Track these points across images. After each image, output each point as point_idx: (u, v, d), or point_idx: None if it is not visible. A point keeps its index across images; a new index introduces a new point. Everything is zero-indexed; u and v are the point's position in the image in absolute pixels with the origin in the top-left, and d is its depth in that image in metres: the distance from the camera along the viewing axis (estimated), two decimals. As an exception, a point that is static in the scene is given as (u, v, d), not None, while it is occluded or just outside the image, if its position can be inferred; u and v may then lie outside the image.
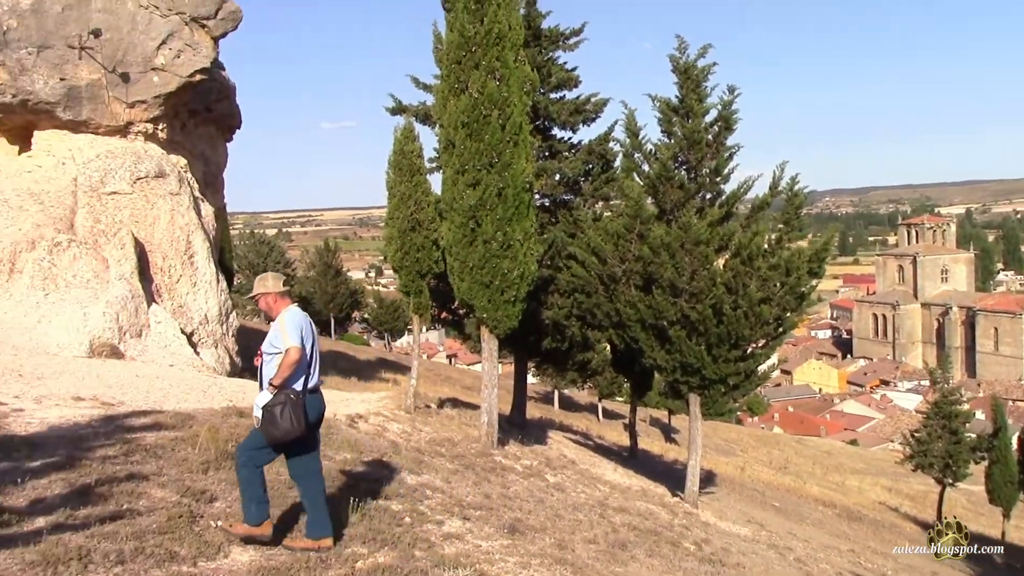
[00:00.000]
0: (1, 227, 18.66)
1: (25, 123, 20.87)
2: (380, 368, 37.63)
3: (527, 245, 13.76)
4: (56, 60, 19.59)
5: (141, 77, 20.07)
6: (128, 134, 20.59)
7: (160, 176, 20.15)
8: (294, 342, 6.73)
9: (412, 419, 15.43)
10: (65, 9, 19.54)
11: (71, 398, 11.49)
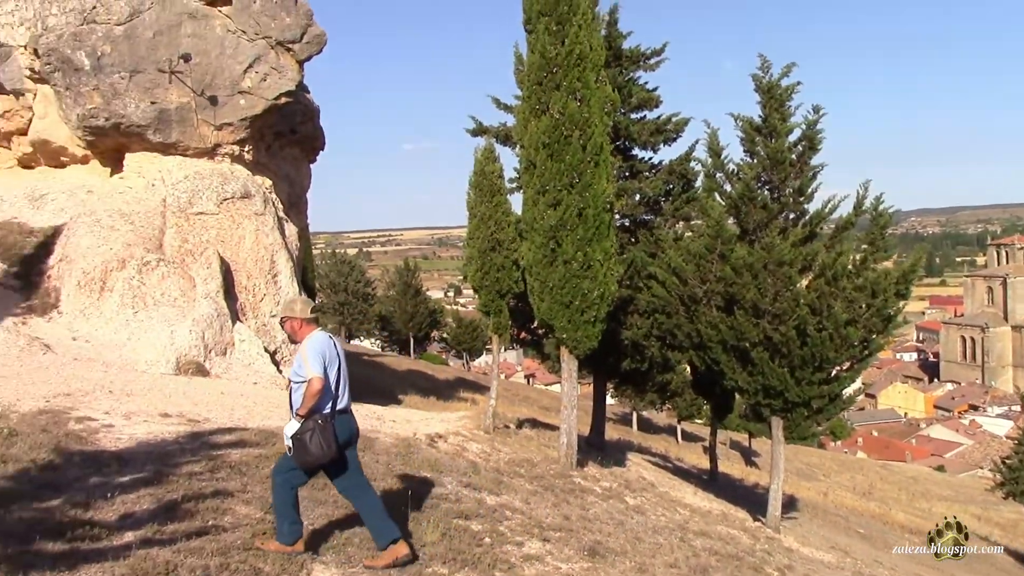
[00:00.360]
0: (93, 246, 19.20)
1: (117, 145, 21.50)
2: (458, 388, 37.73)
3: (607, 265, 13.66)
4: (147, 84, 20.16)
5: (228, 100, 20.52)
6: (215, 156, 21.05)
7: (246, 197, 20.54)
8: (316, 372, 6.80)
9: (491, 439, 15.39)
10: (156, 35, 20.10)
11: (159, 414, 11.71)
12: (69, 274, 19.04)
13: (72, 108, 20.87)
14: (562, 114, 13.17)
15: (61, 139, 22.76)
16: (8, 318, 17.77)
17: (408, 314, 73.43)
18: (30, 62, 22.26)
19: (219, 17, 20.50)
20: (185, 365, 17.18)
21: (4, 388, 12.21)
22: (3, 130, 24.45)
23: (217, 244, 19.81)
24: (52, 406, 11.26)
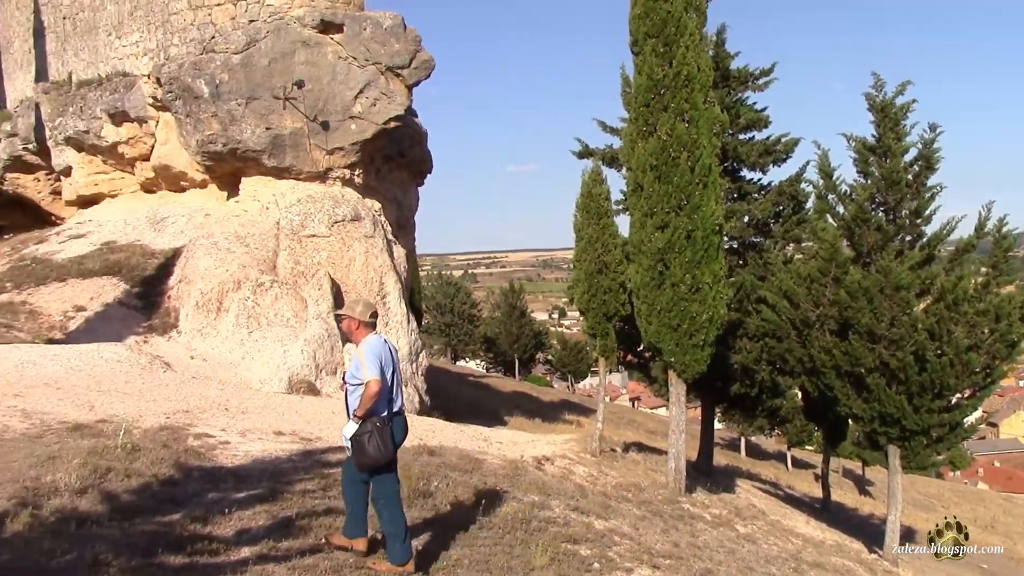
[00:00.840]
0: (211, 268, 19.80)
1: (234, 170, 22.18)
2: (563, 410, 37.61)
3: (716, 288, 13.45)
4: (262, 110, 20.74)
5: (340, 125, 20.96)
6: (327, 179, 21.51)
7: (356, 220, 20.92)
8: (373, 374, 6.85)
9: (598, 463, 15.26)
10: (271, 62, 20.68)
11: (272, 432, 11.95)
12: (188, 295, 19.67)
13: (192, 134, 21.62)
14: (670, 135, 13.06)
15: (181, 164, 23.62)
16: (131, 337, 18.45)
17: (513, 336, 73.61)
18: (153, 90, 23.19)
19: (331, 44, 20.99)
20: (297, 384, 17.53)
21: (128, 404, 12.65)
22: (127, 156, 25.52)
23: (328, 266, 20.21)
24: (172, 422, 11.60)
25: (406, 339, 21.02)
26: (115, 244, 23.14)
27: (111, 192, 27.30)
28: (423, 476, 9.91)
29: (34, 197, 31.42)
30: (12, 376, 13.71)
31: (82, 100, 26.48)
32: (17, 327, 18.89)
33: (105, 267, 21.45)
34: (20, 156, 30.21)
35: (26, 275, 22.02)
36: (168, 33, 22.60)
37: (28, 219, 32.56)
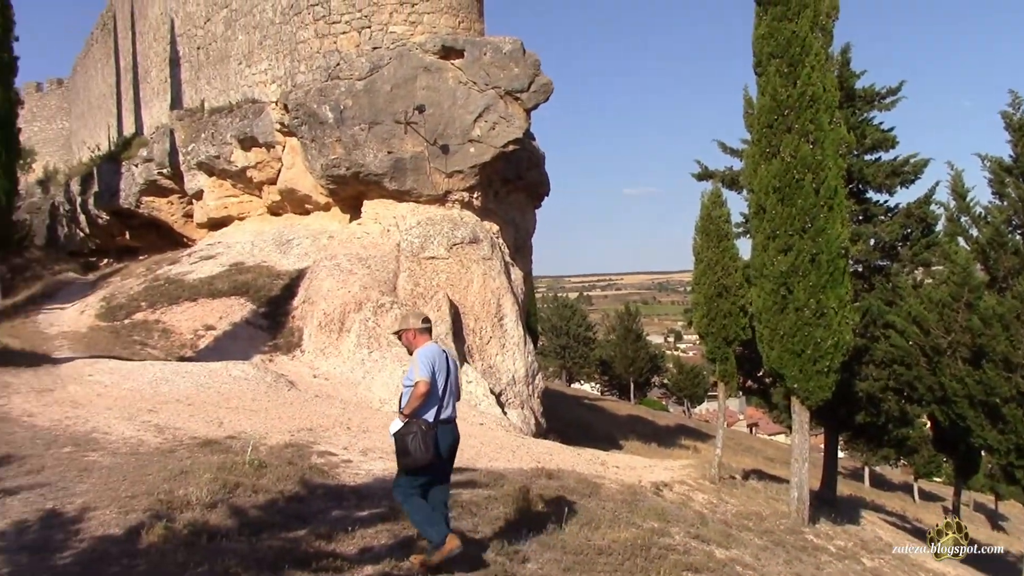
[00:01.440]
0: (333, 289, 20.25)
1: (356, 193, 22.68)
2: (679, 435, 37.11)
3: (842, 313, 13.07)
4: (384, 135, 21.17)
5: (459, 149, 21.24)
6: (446, 202, 21.79)
7: (474, 242, 21.12)
8: (423, 375, 7.09)
9: (717, 490, 14.98)
10: (394, 88, 21.12)
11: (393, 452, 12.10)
12: (311, 315, 20.15)
13: (316, 158, 22.22)
14: (794, 157, 12.80)
15: (306, 188, 24.28)
16: (257, 355, 18.99)
17: (628, 359, 73.08)
18: (280, 116, 23.92)
19: (451, 69, 21.32)
20: (415, 404, 17.71)
21: (254, 421, 13.00)
22: (255, 180, 26.38)
23: (447, 287, 20.43)
24: (296, 440, 11.87)
25: (523, 361, 21.08)
26: (243, 265, 23.92)
27: (239, 215, 28.27)
28: (541, 500, 9.88)
29: (167, 219, 32.79)
30: (147, 392, 14.26)
31: (213, 126, 27.53)
32: (151, 344, 19.67)
33: (233, 287, 22.18)
34: (155, 180, 31.59)
35: (160, 295, 22.95)
36: (295, 61, 23.32)
37: (162, 240, 34.00)
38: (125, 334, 20.39)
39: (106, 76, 47.56)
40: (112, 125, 45.90)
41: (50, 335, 20.35)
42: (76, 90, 59.67)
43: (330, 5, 22.23)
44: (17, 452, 10.15)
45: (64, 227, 43.70)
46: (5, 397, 13.05)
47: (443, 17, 22.19)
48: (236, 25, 27.43)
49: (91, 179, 38.37)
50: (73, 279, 32.17)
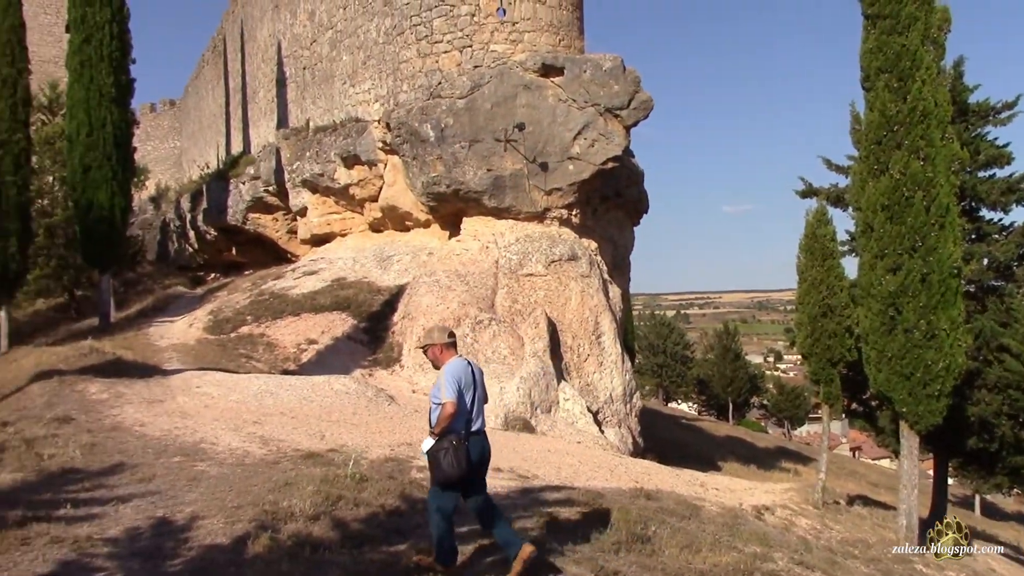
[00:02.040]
0: (432, 305, 20.45)
1: (455, 210, 22.90)
2: (779, 457, 36.38)
3: (954, 335, 12.67)
4: (484, 153, 21.34)
5: (558, 166, 21.27)
6: (544, 219, 21.84)
7: (572, 259, 21.10)
8: (450, 397, 7.19)
9: (821, 515, 14.62)
10: (494, 106, 21.28)
11: (491, 468, 12.11)
12: (410, 330, 20.38)
13: (417, 176, 22.51)
14: (903, 174, 12.49)
15: (406, 205, 24.62)
16: (357, 369, 19.29)
17: (727, 378, 71.95)
18: (382, 135, 24.33)
19: (551, 87, 21.39)
20: (513, 421, 17.77)
21: (355, 435, 13.19)
22: (357, 197, 26.86)
23: (545, 304, 20.45)
24: (396, 454, 12.00)
25: (620, 379, 20.94)
26: (345, 281, 24.34)
27: (342, 231, 28.81)
28: (640, 520, 9.77)
29: (272, 235, 33.62)
30: (252, 404, 14.59)
31: (318, 145, 28.15)
32: (256, 358, 20.13)
33: (335, 303, 22.58)
34: (261, 197, 32.45)
35: (264, 309, 23.51)
36: (398, 80, 23.69)
37: (266, 256, 34.87)
38: (231, 347, 20.92)
39: (216, 97, 49.08)
40: (221, 144, 47.32)
41: (160, 347, 21.00)
42: (187, 110, 61.71)
43: (432, 25, 22.55)
44: (129, 460, 10.49)
45: (174, 242, 45.17)
46: (118, 407, 13.51)
47: (544, 35, 22.31)
48: (341, 46, 28.03)
49: (200, 196, 39.59)
50: (182, 293, 33.21)
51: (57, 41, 62.11)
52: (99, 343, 18.95)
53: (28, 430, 11.97)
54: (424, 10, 22.69)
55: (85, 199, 24.88)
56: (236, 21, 43.16)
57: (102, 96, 24.63)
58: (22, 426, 12.23)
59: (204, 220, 38.49)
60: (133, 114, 27.08)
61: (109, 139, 24.68)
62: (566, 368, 20.27)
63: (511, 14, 22.20)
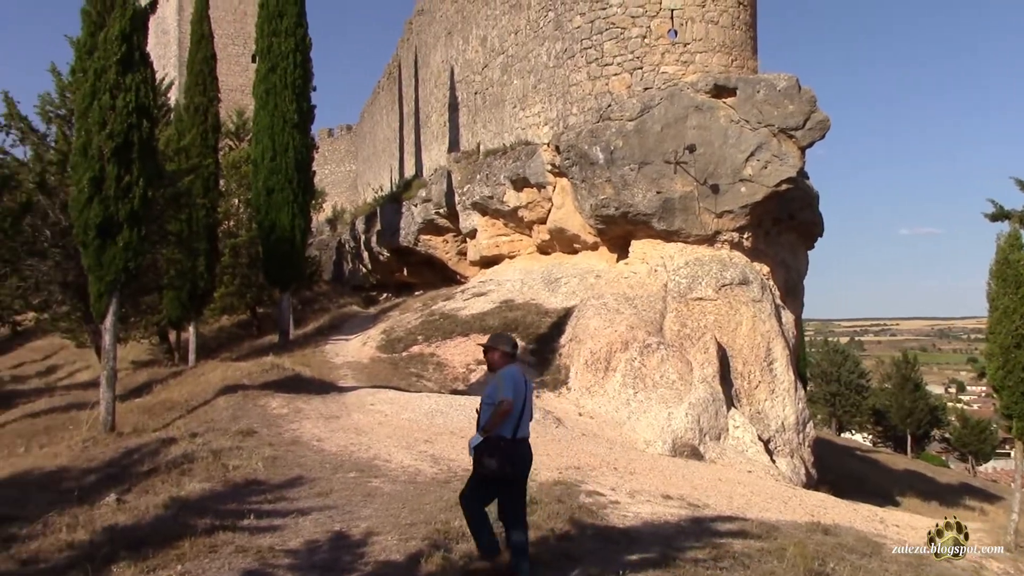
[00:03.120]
0: (600, 328, 20.37)
1: (624, 233, 22.79)
2: (963, 494, 34.41)
3: None
4: (654, 175, 21.17)
5: (729, 188, 20.88)
6: (714, 243, 21.46)
7: (743, 283, 20.64)
8: (507, 395, 7.56)
9: (1014, 559, 13.68)
10: (664, 128, 21.10)
11: (660, 495, 11.94)
12: (577, 353, 20.34)
13: (586, 199, 22.55)
14: (1111, 195, 11.64)
15: (574, 227, 24.68)
16: (525, 391, 19.36)
17: (905, 409, 68.77)
18: (551, 158, 24.50)
19: (723, 108, 21.05)
20: (680, 447, 17.46)
21: (523, 457, 13.23)
22: (526, 219, 27.13)
23: (715, 329, 20.06)
24: (564, 478, 11.96)
25: (793, 408, 20.30)
26: (512, 303, 24.58)
27: (510, 253, 29.14)
28: (818, 556, 9.39)
29: (442, 257, 34.36)
30: (423, 423, 14.88)
31: (488, 168, 28.61)
32: (426, 377, 20.55)
33: (503, 324, 22.81)
34: (432, 220, 33.23)
35: (434, 329, 23.99)
36: (567, 103, 23.83)
37: (436, 277, 35.66)
38: (403, 366, 21.43)
39: (390, 122, 50.66)
40: (394, 167, 48.77)
41: (336, 364, 21.72)
42: (363, 135, 63.95)
43: (603, 48, 22.59)
44: (308, 474, 10.85)
45: (349, 263, 46.79)
46: (297, 422, 14.02)
47: (715, 56, 22.01)
48: (512, 70, 28.45)
49: (374, 218, 40.88)
50: (356, 312, 34.31)
51: (244, 70, 65.67)
52: (279, 359, 19.75)
53: (215, 442, 12.58)
54: (595, 33, 22.77)
55: (268, 221, 26.08)
56: (410, 48, 44.48)
57: (285, 122, 25.81)
58: (210, 438, 12.87)
59: (378, 241, 39.70)
60: (313, 139, 28.25)
61: (291, 163, 25.81)
62: (736, 395, 19.80)
63: (682, 35, 22.01)
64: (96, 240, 14.32)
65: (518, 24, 28.00)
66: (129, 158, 14.45)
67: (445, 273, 35.12)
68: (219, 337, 37.17)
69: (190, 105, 27.88)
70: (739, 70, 22.13)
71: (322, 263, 47.93)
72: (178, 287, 26.92)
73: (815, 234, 25.52)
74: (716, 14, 22.20)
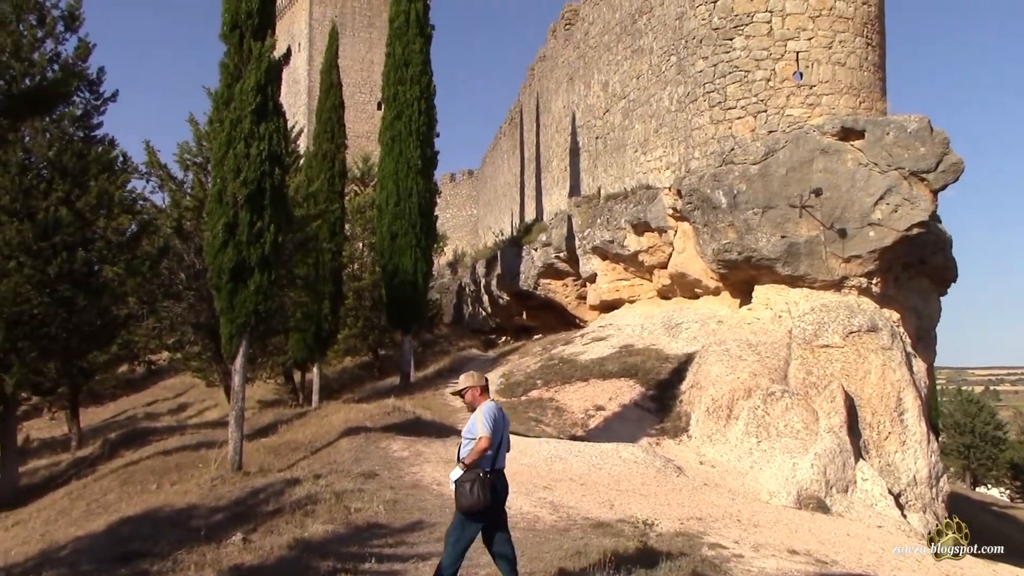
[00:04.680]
0: (722, 375, 20.02)
1: (746, 278, 22.41)
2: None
3: None
4: (778, 219, 20.80)
5: (857, 232, 20.35)
6: (841, 288, 20.91)
7: (872, 330, 20.02)
8: (485, 432, 8.01)
9: None
10: (789, 172, 20.75)
11: (786, 550, 11.57)
12: (698, 400, 20.02)
13: (708, 243, 22.27)
14: None
15: (696, 272, 24.39)
16: (644, 438, 19.16)
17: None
18: (672, 202, 24.34)
19: (851, 151, 20.59)
20: (806, 499, 16.94)
21: (643, 506, 13.02)
22: (646, 264, 26.97)
23: (841, 378, 19.47)
24: (686, 529, 11.72)
25: (925, 460, 19.49)
26: (632, 347, 24.36)
27: (630, 298, 28.96)
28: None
29: (561, 301, 34.41)
30: (542, 469, 14.81)
31: (608, 212, 28.59)
32: (545, 422, 20.49)
33: (623, 369, 22.63)
34: (552, 264, 33.36)
35: (554, 374, 23.95)
36: (689, 147, 23.67)
37: (555, 320, 35.70)
38: (522, 410, 21.42)
39: (511, 166, 51.23)
40: (515, 211, 49.21)
41: (456, 407, 21.85)
42: (484, 179, 64.81)
43: (726, 92, 22.39)
44: (428, 519, 10.91)
45: (469, 306, 47.29)
46: (418, 465, 14.14)
47: (843, 98, 21.58)
48: (633, 115, 28.45)
49: (495, 262, 41.26)
50: (475, 355, 34.59)
51: (370, 117, 67.61)
52: (400, 402, 20.02)
53: (338, 483, 12.79)
54: (718, 77, 22.60)
55: (391, 264, 26.60)
56: (532, 94, 44.99)
57: (409, 168, 26.38)
58: (332, 479, 13.09)
59: (498, 285, 40.03)
60: (435, 184, 28.76)
61: (415, 208, 26.32)
62: (864, 446, 19.13)
63: (808, 78, 21.66)
64: (228, 284, 14.83)
65: (640, 69, 28.04)
66: (261, 204, 14.96)
67: (564, 317, 35.11)
68: (342, 378, 38.00)
69: (318, 152, 28.76)
70: (867, 112, 21.64)
71: (443, 306, 48.54)
72: (304, 329, 27.64)
73: (948, 279, 24.58)
74: (843, 56, 21.80)
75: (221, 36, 15.70)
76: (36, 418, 43.76)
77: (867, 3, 22.30)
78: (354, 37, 71.90)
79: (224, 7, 15.71)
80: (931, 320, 24.11)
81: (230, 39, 15.56)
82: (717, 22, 22.70)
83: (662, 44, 26.23)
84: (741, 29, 22.25)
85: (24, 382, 21.64)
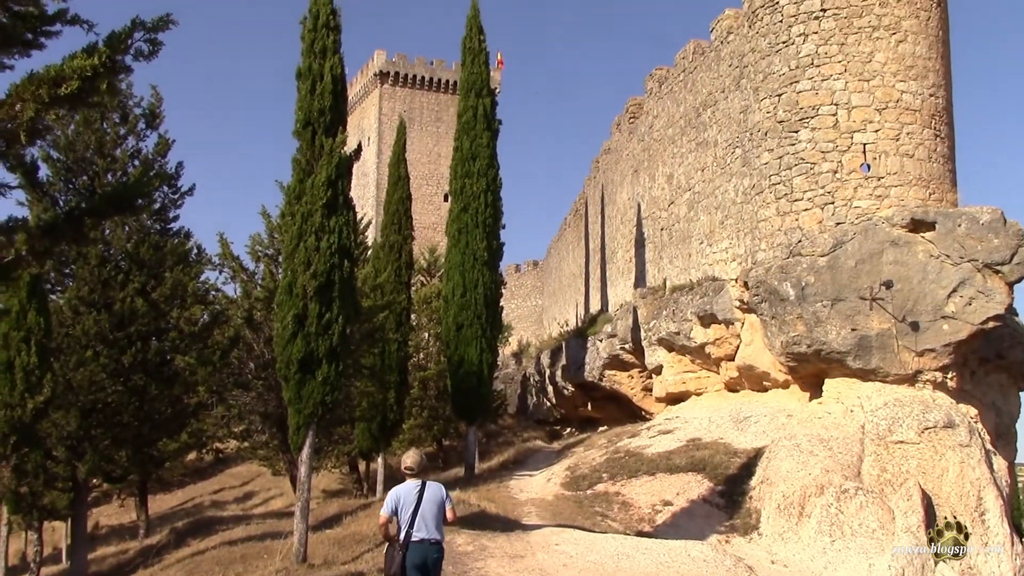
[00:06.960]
0: (793, 470, 19.57)
1: (816, 371, 22.06)
2: None
3: None
4: (848, 312, 20.53)
5: (930, 325, 19.99)
6: (915, 382, 20.46)
7: (949, 426, 19.49)
8: (383, 512, 9.30)
9: None
10: (858, 263, 20.53)
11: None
12: (769, 496, 19.56)
13: (776, 336, 22.01)
14: None
15: (764, 364, 24.07)
16: (712, 535, 18.72)
17: None
18: (739, 294, 24.17)
19: (922, 243, 20.35)
20: (884, 603, 16.34)
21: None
22: (713, 356, 26.69)
23: (918, 475, 18.91)
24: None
25: (1009, 563, 18.69)
26: (700, 441, 23.95)
27: (696, 390, 28.60)
28: None
29: (627, 392, 34.09)
30: (609, 566, 14.51)
31: (674, 304, 28.45)
32: (611, 517, 20.16)
33: (690, 463, 22.23)
34: (617, 355, 33.15)
35: (619, 467, 23.60)
36: (755, 239, 23.58)
37: (621, 412, 35.34)
38: (587, 504, 21.12)
39: (576, 257, 51.42)
40: (579, 302, 49.22)
41: (520, 500, 21.65)
42: (549, 270, 65.09)
43: (792, 183, 22.34)
44: (492, 616, 10.70)
45: (533, 396, 47.07)
46: (482, 560, 13.97)
47: (912, 189, 21.40)
48: (698, 207, 28.50)
49: (559, 352, 41.14)
50: (540, 447, 34.29)
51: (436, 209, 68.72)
52: (465, 494, 19.87)
53: (402, 578, 12.62)
54: (783, 169, 22.59)
55: (457, 355, 26.68)
56: (597, 186, 45.35)
57: (475, 260, 26.61)
58: (396, 573, 12.92)
59: (562, 376, 39.84)
60: (501, 275, 28.96)
61: (480, 299, 26.46)
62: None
63: (876, 169, 21.55)
64: (297, 375, 15.00)
65: (704, 161, 28.17)
66: (330, 296, 15.20)
67: (630, 409, 34.73)
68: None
69: (386, 243, 29.24)
70: (937, 203, 21.41)
71: (507, 396, 48.40)
72: (369, 418, 27.77)
73: (1027, 374, 23.94)
74: (911, 147, 21.68)
75: (294, 133, 16.20)
76: (105, 504, 44.34)
77: (935, 95, 22.25)
78: (421, 131, 73.57)
79: (298, 105, 16.25)
80: (1011, 416, 23.44)
81: (303, 135, 16.04)
82: (782, 115, 22.79)
83: (727, 137, 26.37)
84: (806, 122, 22.29)
85: (96, 469, 22.01)
